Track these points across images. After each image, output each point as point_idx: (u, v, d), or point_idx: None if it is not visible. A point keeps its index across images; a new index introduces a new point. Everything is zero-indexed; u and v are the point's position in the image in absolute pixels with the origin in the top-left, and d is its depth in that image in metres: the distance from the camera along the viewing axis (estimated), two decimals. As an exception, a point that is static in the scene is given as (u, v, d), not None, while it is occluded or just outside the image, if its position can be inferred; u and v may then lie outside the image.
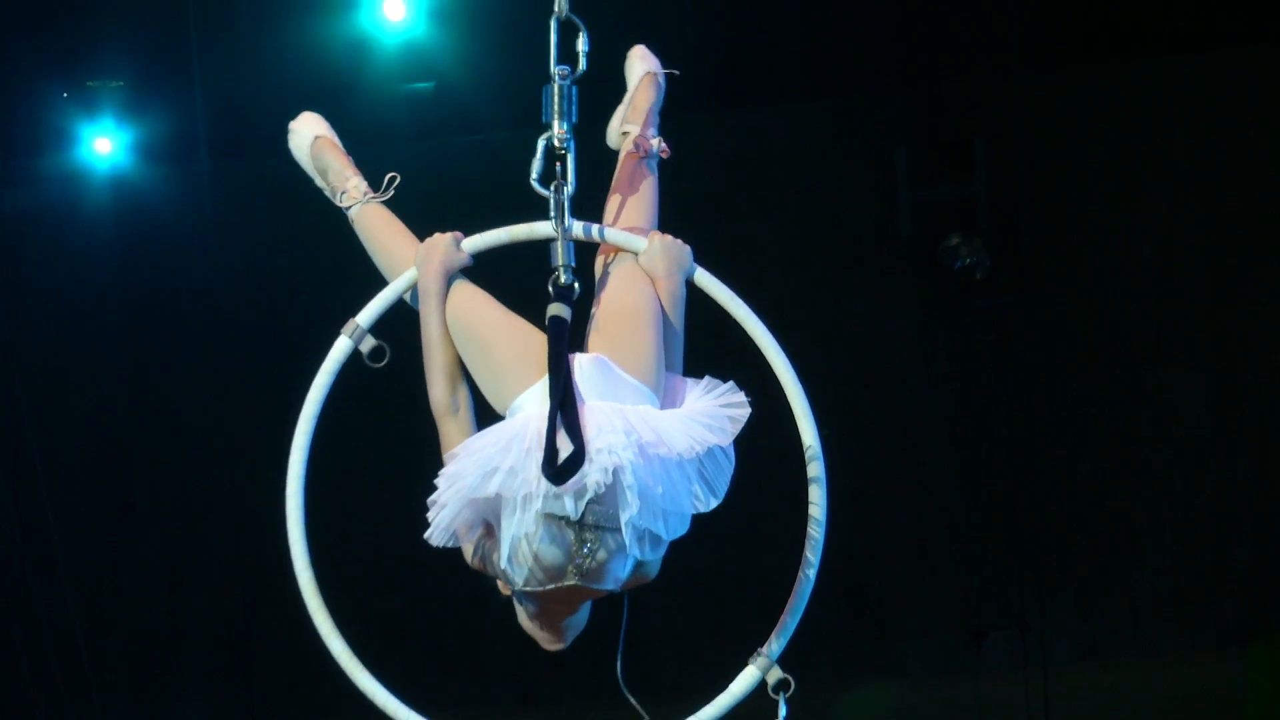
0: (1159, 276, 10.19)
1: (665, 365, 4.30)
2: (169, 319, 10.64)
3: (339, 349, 4.37)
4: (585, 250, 4.45)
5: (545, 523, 4.01)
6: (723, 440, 4.12)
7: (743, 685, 4.25)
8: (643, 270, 4.43)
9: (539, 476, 3.95)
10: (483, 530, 4.09)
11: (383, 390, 5.60)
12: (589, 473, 3.95)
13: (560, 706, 10.50)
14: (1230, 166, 10.15)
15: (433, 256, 4.39)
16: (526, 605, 4.22)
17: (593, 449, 3.96)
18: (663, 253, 4.43)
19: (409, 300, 4.44)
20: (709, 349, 4.55)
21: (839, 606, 10.20)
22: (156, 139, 10.28)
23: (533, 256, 4.37)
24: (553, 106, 4.26)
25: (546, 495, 3.97)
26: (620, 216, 4.60)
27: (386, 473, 9.59)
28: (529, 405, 4.14)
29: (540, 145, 4.25)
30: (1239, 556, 10.30)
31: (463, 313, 4.34)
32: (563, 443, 3.97)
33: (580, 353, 4.23)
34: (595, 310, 4.39)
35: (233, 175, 10.36)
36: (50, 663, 10.42)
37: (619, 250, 4.48)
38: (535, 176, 4.26)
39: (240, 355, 10.41)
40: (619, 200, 4.64)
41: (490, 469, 3.98)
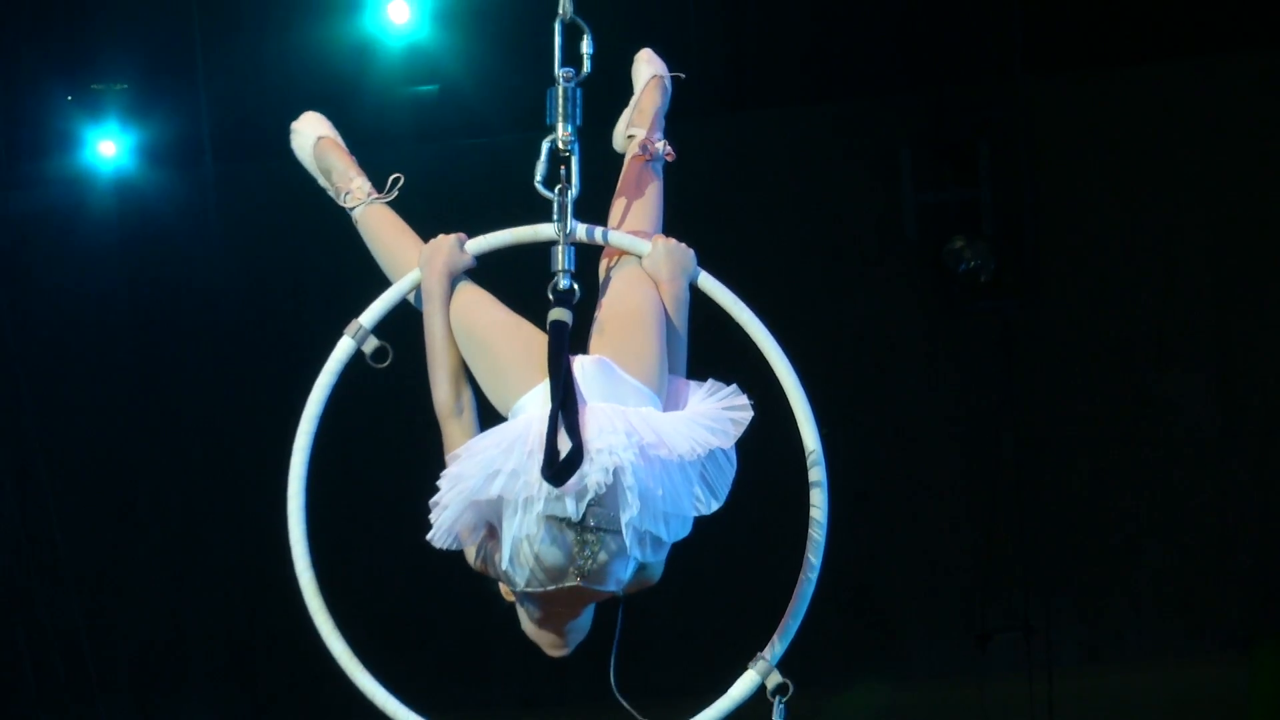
0: (1162, 279, 10.19)
1: (668, 368, 4.30)
2: (172, 321, 10.64)
3: (342, 349, 4.38)
4: (589, 253, 4.46)
5: (547, 524, 4.00)
6: (724, 443, 4.11)
7: (741, 689, 4.25)
8: (646, 273, 4.43)
9: (540, 478, 3.95)
10: (485, 532, 4.09)
11: (385, 391, 5.61)
12: (589, 473, 3.94)
13: (561, 710, 10.48)
14: (1233, 169, 10.14)
15: (436, 258, 4.39)
16: (529, 608, 4.22)
17: (593, 449, 3.96)
18: (666, 256, 4.43)
19: (412, 301, 4.45)
20: (712, 352, 4.55)
21: (842, 609, 10.20)
22: (161, 142, 10.28)
23: (536, 259, 4.37)
24: (557, 109, 4.26)
25: (548, 497, 3.97)
26: (625, 219, 4.61)
27: (389, 474, 9.58)
28: (531, 407, 4.13)
29: (544, 148, 4.25)
30: (1242, 559, 10.29)
31: (466, 314, 4.34)
32: (563, 444, 3.96)
33: (583, 354, 4.23)
34: (598, 312, 4.39)
35: (237, 178, 10.35)
36: (53, 665, 10.42)
37: (623, 253, 4.48)
38: (539, 179, 4.26)
39: (243, 357, 10.41)
40: (624, 203, 4.64)
41: (492, 471, 3.98)
